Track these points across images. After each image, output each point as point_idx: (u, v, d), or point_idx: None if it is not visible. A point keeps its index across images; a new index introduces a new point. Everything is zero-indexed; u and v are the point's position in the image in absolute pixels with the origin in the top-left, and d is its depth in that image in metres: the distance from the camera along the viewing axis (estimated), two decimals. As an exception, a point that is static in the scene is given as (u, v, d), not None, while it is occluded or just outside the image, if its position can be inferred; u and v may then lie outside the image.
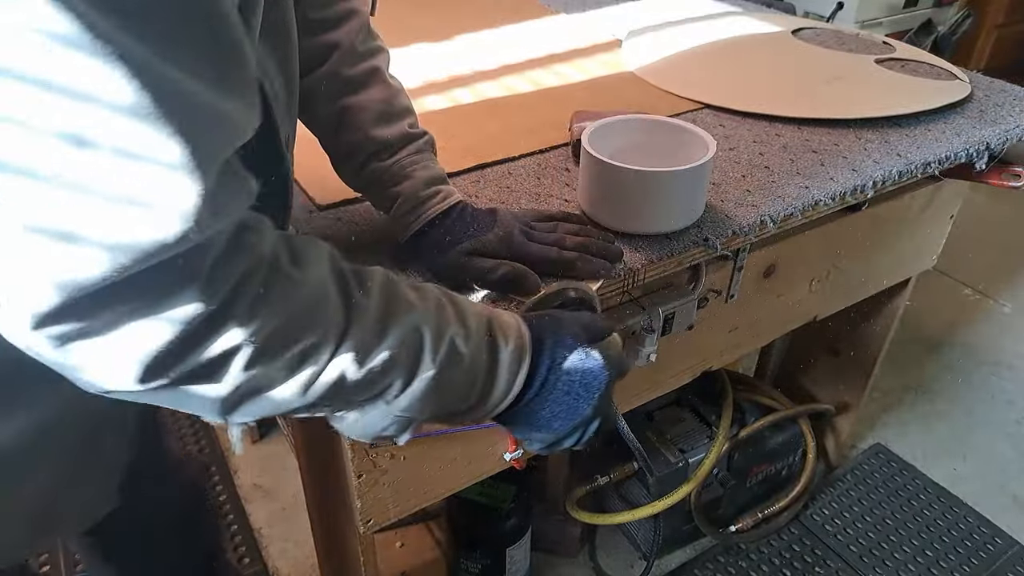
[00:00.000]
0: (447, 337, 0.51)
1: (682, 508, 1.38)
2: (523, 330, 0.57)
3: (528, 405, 0.57)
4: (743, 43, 1.31)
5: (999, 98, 1.13)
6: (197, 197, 0.35)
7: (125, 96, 0.33)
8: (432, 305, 0.52)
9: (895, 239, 1.17)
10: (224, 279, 0.40)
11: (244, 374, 0.42)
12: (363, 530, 0.85)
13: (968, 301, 2.25)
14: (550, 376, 0.56)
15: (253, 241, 0.42)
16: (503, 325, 0.56)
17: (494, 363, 0.54)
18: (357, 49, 0.70)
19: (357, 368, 0.46)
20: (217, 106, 0.37)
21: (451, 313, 0.53)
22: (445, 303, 0.53)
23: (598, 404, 0.57)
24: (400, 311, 0.49)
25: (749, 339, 1.08)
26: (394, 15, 1.41)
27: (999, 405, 1.89)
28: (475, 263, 0.69)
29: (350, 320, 0.46)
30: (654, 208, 0.77)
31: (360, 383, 0.47)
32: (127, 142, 0.34)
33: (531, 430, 0.58)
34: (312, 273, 0.45)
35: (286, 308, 0.43)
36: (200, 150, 0.35)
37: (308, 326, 0.44)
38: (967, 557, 1.51)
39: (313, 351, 0.45)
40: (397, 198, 0.70)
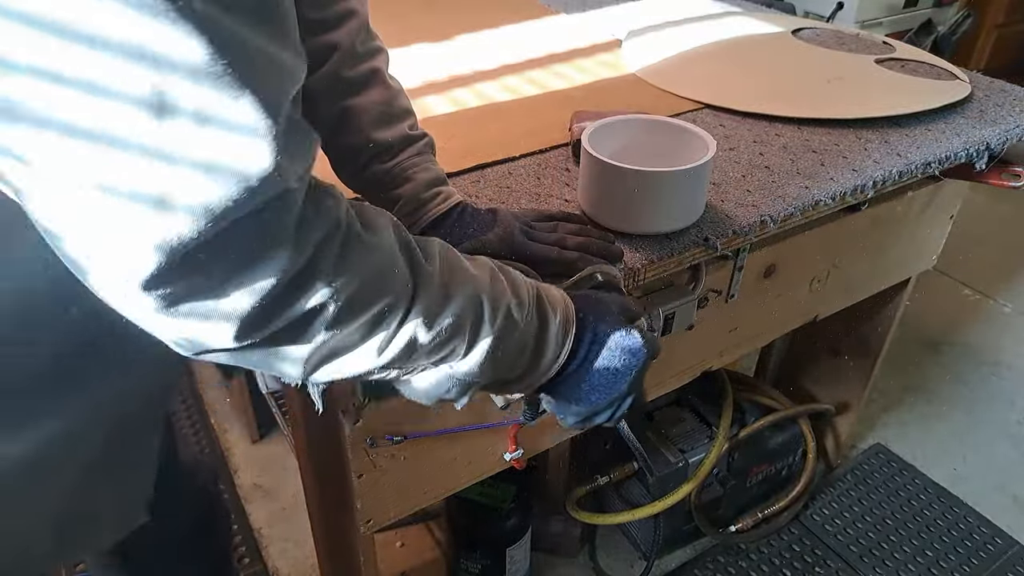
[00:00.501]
0: (504, 305, 0.53)
1: (682, 508, 1.38)
2: (568, 304, 0.59)
3: (571, 377, 0.59)
4: (743, 43, 1.31)
5: (999, 98, 1.13)
6: (272, 140, 0.37)
7: (197, 57, 0.34)
8: (488, 275, 0.54)
9: (895, 239, 1.17)
10: (309, 238, 0.41)
11: (326, 334, 0.44)
12: (363, 530, 0.85)
13: (968, 301, 2.25)
14: (592, 349, 0.58)
15: (330, 204, 0.43)
16: (551, 298, 0.58)
17: (543, 332, 0.56)
18: (357, 50, 0.70)
19: (426, 331, 0.48)
20: (275, 55, 0.38)
21: (505, 283, 0.54)
22: (499, 274, 0.55)
23: (634, 381, 0.59)
24: (461, 279, 0.51)
25: (749, 339, 1.08)
26: (394, 15, 1.41)
27: (999, 405, 1.89)
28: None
29: (418, 285, 0.48)
30: (654, 208, 0.77)
31: (428, 346, 0.49)
32: (204, 102, 0.35)
33: (569, 402, 0.60)
34: (383, 238, 0.47)
35: (363, 270, 0.45)
36: (269, 98, 0.37)
37: (382, 289, 0.46)
38: (967, 557, 1.51)
39: (387, 314, 0.46)
40: (398, 201, 0.71)
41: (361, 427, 0.75)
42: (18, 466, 0.55)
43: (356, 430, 0.75)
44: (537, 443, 0.93)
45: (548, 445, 0.96)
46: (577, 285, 0.68)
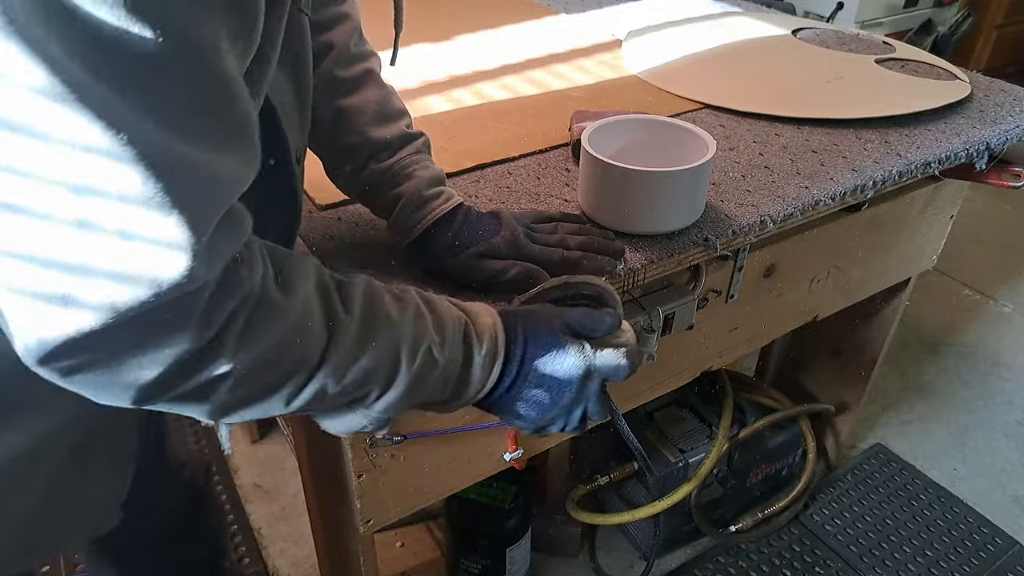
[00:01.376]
0: (424, 346, 0.53)
1: (682, 508, 1.38)
2: (498, 330, 0.58)
3: (503, 398, 0.59)
4: (743, 43, 1.31)
5: (999, 98, 1.13)
6: (193, 260, 0.38)
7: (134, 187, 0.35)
8: (411, 315, 0.54)
9: (895, 239, 1.17)
10: (217, 318, 0.42)
11: (230, 394, 0.45)
12: (363, 530, 0.85)
13: (968, 301, 2.25)
14: (521, 371, 0.58)
15: (244, 275, 0.43)
16: (479, 328, 0.57)
17: (468, 365, 0.56)
18: (351, 51, 0.70)
19: (336, 382, 0.49)
20: (218, 169, 0.39)
21: (429, 322, 0.54)
22: (424, 312, 0.55)
23: (576, 396, 0.59)
24: (379, 326, 0.51)
25: (749, 339, 1.08)
26: (390, 15, 1.40)
27: (999, 405, 1.89)
28: (485, 265, 0.69)
29: (331, 338, 0.48)
30: (654, 208, 0.77)
31: (340, 393, 0.50)
32: (130, 223, 0.36)
33: (511, 417, 0.61)
34: (299, 297, 0.47)
35: (272, 336, 0.45)
36: (199, 215, 0.38)
37: (289, 353, 0.46)
38: (967, 557, 1.51)
39: (296, 370, 0.47)
40: (399, 199, 0.70)
41: (361, 427, 0.75)
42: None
43: (356, 430, 0.75)
44: (537, 443, 0.93)
45: (548, 445, 0.96)
46: (537, 296, 0.67)
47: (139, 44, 0.33)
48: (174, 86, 0.35)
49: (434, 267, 0.72)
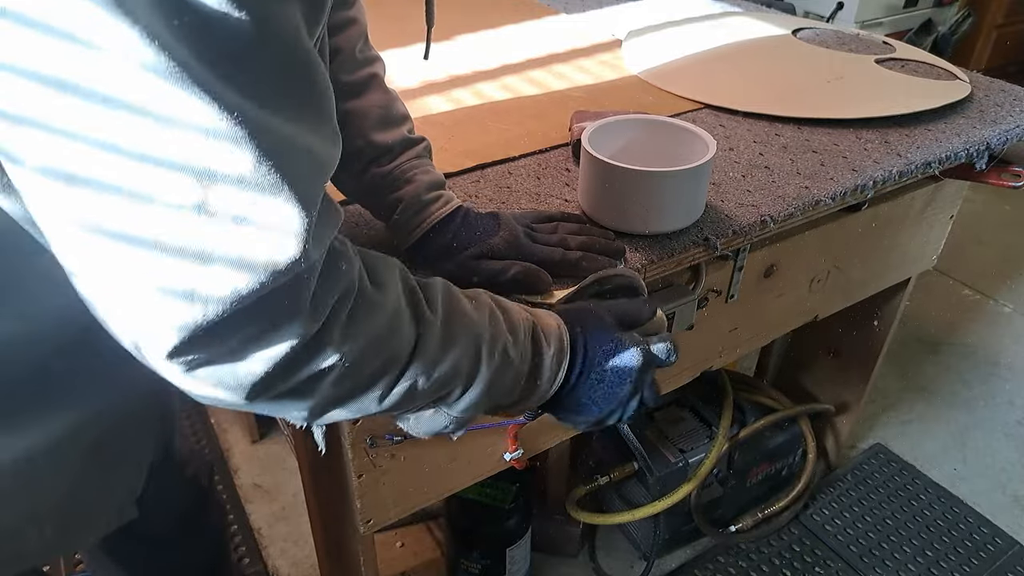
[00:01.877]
0: (500, 345, 0.55)
1: (682, 508, 1.38)
2: (563, 331, 0.60)
3: (568, 396, 0.61)
4: (743, 43, 1.31)
5: (999, 98, 1.13)
6: (304, 241, 0.39)
7: (245, 167, 0.36)
8: (487, 315, 0.55)
9: (895, 239, 1.17)
10: (323, 307, 0.43)
11: (332, 389, 0.46)
12: (363, 530, 0.85)
13: (968, 301, 2.25)
14: (585, 368, 0.60)
15: (344, 268, 0.45)
16: (545, 328, 0.59)
17: (538, 365, 0.58)
18: (356, 56, 0.71)
19: (426, 379, 0.51)
20: (315, 149, 0.40)
21: (502, 321, 0.56)
22: (497, 312, 0.57)
23: (633, 386, 0.61)
24: (461, 323, 0.53)
25: (749, 339, 1.08)
26: (394, 15, 1.41)
27: (999, 405, 1.89)
28: (485, 266, 0.69)
29: (420, 337, 0.50)
30: (654, 208, 0.77)
31: (428, 390, 0.51)
32: (245, 206, 0.37)
33: (572, 415, 0.63)
34: (390, 294, 0.49)
35: (370, 331, 0.46)
36: (306, 194, 0.38)
37: (387, 347, 0.48)
38: (967, 557, 1.51)
39: (391, 365, 0.48)
40: (398, 203, 0.70)
41: (361, 427, 0.75)
42: (11, 470, 0.55)
43: (356, 430, 0.75)
44: (537, 443, 0.93)
45: (548, 445, 0.95)
46: (577, 294, 0.68)
47: (236, 26, 0.34)
48: (269, 68, 0.36)
49: (433, 269, 0.72)
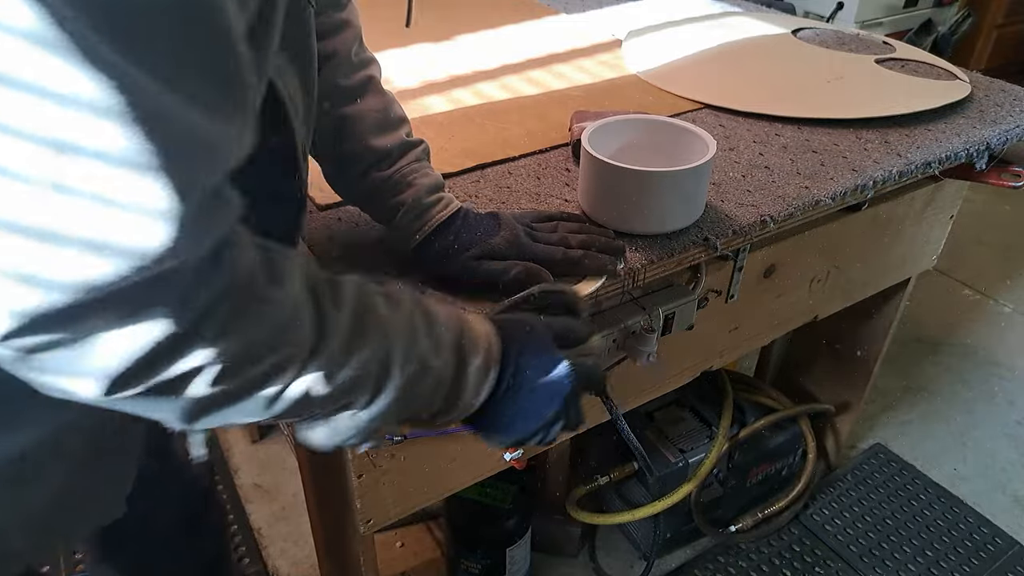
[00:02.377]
0: (417, 352, 0.51)
1: (682, 508, 1.38)
2: (493, 340, 0.57)
3: (493, 410, 0.58)
4: (743, 43, 1.31)
5: (999, 98, 1.13)
6: (178, 231, 0.35)
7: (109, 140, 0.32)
8: (405, 318, 0.52)
9: (895, 239, 1.17)
10: (196, 301, 0.39)
11: (208, 390, 0.42)
12: (363, 530, 0.85)
13: (968, 301, 2.25)
14: (514, 382, 0.57)
15: (232, 257, 0.41)
16: (474, 337, 0.56)
17: (461, 375, 0.55)
18: (352, 59, 0.71)
19: (324, 384, 0.47)
20: (212, 137, 0.36)
21: (422, 327, 0.53)
22: (418, 316, 0.53)
23: (560, 409, 0.59)
24: (372, 325, 0.49)
25: (749, 339, 1.08)
26: (394, 15, 1.40)
27: (999, 405, 1.89)
28: (486, 266, 0.69)
29: (320, 337, 0.46)
30: (654, 208, 0.77)
31: (326, 398, 0.48)
32: (109, 185, 0.33)
33: (496, 432, 0.60)
34: (287, 292, 0.44)
35: (257, 329, 0.43)
36: (185, 183, 0.34)
37: (277, 346, 0.44)
38: (967, 557, 1.51)
39: (280, 369, 0.44)
40: (399, 207, 0.70)
41: (361, 427, 0.75)
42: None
43: (356, 430, 0.75)
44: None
45: (548, 445, 0.95)
46: (515, 305, 0.67)
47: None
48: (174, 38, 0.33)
49: (435, 271, 0.72)
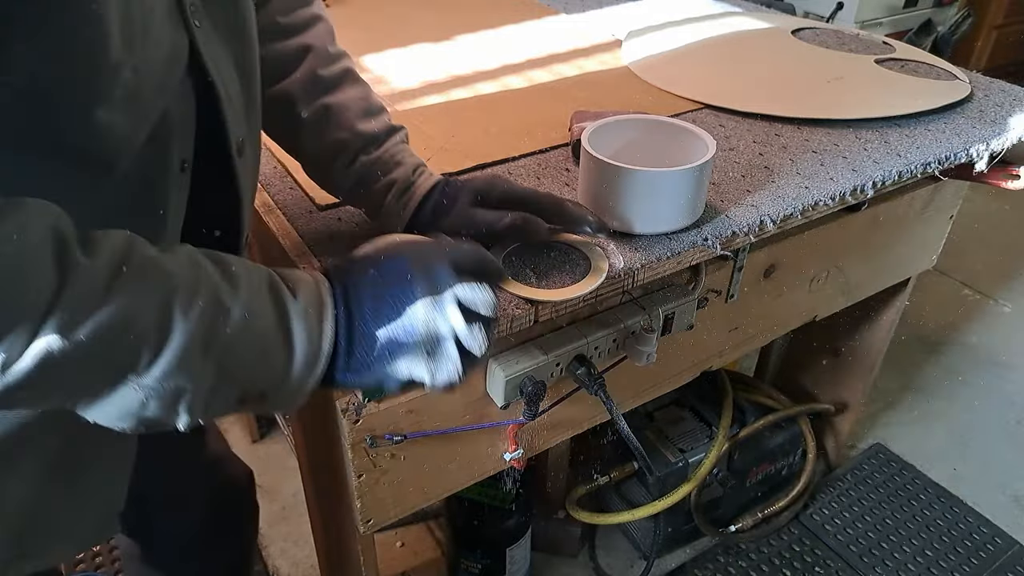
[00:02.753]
0: (206, 295, 0.44)
1: (682, 508, 1.39)
2: (318, 279, 0.51)
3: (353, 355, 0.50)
4: (743, 43, 1.31)
5: (999, 98, 1.13)
6: None
7: None
8: (184, 261, 0.45)
9: (895, 239, 1.17)
10: None
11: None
12: (363, 530, 0.85)
13: (968, 301, 2.26)
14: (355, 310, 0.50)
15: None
16: (289, 279, 0.50)
17: (284, 320, 0.48)
18: (329, 51, 0.72)
19: (67, 341, 0.39)
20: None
21: (209, 268, 0.46)
22: (201, 260, 0.46)
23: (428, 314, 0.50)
24: (136, 270, 0.42)
25: (749, 339, 1.08)
26: (394, 15, 1.41)
27: (999, 405, 1.89)
28: (480, 214, 0.69)
29: (64, 281, 0.39)
30: (654, 208, 0.77)
31: (85, 352, 0.40)
32: None
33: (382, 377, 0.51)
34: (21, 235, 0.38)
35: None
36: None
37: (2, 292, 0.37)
38: (967, 557, 1.51)
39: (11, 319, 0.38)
40: (391, 186, 0.72)
41: (361, 427, 0.75)
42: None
43: (356, 430, 0.75)
44: (537, 443, 0.93)
45: (548, 445, 0.96)
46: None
47: None
48: None
49: (431, 229, 0.72)
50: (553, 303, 0.71)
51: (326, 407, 0.81)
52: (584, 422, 0.96)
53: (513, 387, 0.78)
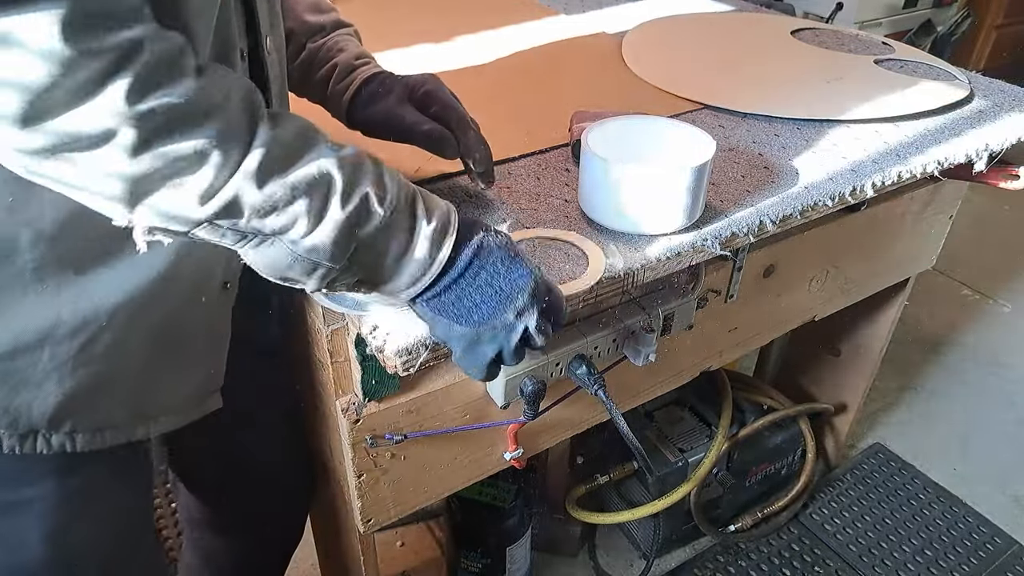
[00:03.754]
0: (361, 190, 0.51)
1: (682, 507, 1.39)
2: (451, 211, 0.57)
3: (450, 290, 0.57)
4: (743, 43, 1.31)
5: (999, 98, 1.13)
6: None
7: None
8: (350, 155, 0.52)
9: (895, 239, 1.17)
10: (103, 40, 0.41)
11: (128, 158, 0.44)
12: (363, 529, 0.85)
13: (968, 301, 2.26)
14: (475, 262, 0.56)
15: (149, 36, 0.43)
16: (429, 203, 0.56)
17: (412, 233, 0.54)
18: None
19: (257, 190, 0.47)
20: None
21: (370, 170, 0.53)
22: (366, 159, 0.53)
23: (521, 310, 0.57)
24: (311, 148, 0.50)
25: (749, 339, 1.08)
26: (394, 16, 1.41)
27: (999, 405, 1.89)
28: (408, 113, 0.75)
29: (253, 142, 0.47)
30: (654, 208, 0.77)
31: (259, 209, 0.48)
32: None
33: (452, 322, 0.57)
34: (216, 83, 0.46)
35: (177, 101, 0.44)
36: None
37: (202, 125, 0.45)
38: (966, 556, 1.51)
39: (203, 157, 0.46)
40: (333, 71, 0.77)
41: (361, 426, 0.76)
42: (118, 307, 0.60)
43: (356, 429, 0.76)
44: (537, 442, 0.93)
45: (548, 445, 0.96)
46: None
47: None
48: None
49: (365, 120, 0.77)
50: None
51: (327, 407, 0.82)
52: (584, 422, 0.96)
53: (513, 387, 0.78)
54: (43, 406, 0.60)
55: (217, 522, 1.02)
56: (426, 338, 0.64)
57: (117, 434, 0.66)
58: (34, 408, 0.60)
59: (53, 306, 0.58)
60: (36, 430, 0.61)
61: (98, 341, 0.60)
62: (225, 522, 1.02)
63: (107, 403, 0.64)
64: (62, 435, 0.62)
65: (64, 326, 0.58)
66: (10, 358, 0.58)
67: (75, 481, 0.67)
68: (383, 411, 0.76)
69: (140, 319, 0.62)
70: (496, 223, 0.79)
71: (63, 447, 0.62)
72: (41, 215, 0.54)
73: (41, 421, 0.61)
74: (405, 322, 0.65)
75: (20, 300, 0.57)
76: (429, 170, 0.87)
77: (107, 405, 0.64)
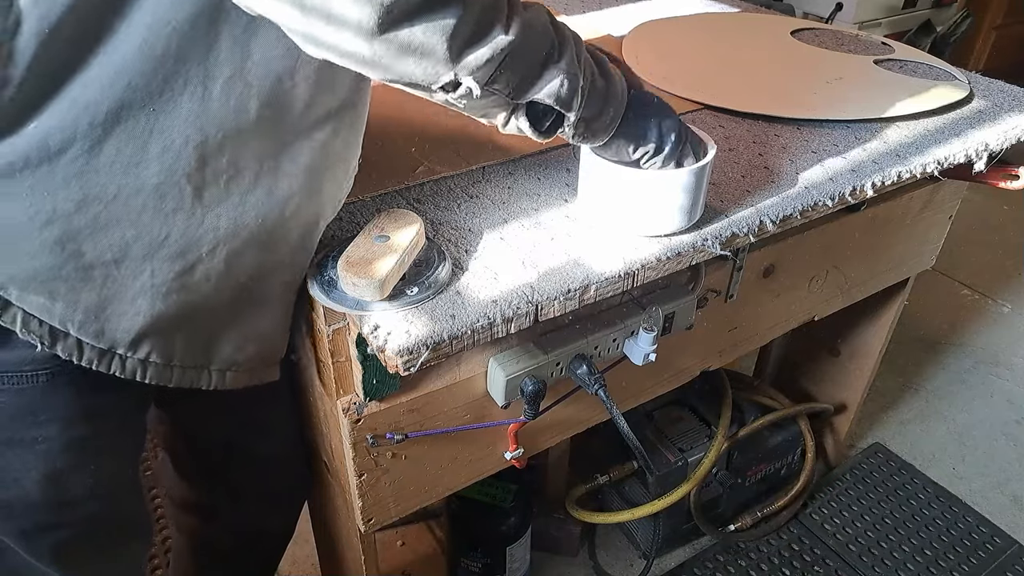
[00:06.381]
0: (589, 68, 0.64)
1: (682, 507, 1.39)
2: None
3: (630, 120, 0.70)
4: (743, 43, 1.31)
5: (998, 98, 1.13)
6: None
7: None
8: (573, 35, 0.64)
9: (894, 239, 1.17)
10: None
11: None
12: (364, 529, 0.85)
13: (968, 301, 2.26)
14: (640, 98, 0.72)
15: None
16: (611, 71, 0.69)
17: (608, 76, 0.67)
18: None
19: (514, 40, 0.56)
20: None
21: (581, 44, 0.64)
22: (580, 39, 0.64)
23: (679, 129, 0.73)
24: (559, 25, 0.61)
25: (749, 339, 1.08)
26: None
27: (999, 405, 1.90)
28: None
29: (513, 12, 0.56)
30: (654, 208, 0.77)
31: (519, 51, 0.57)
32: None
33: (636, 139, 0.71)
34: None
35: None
36: None
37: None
38: (966, 556, 1.51)
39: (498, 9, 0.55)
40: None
41: (362, 426, 0.76)
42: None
43: (357, 429, 0.76)
44: (537, 442, 0.93)
45: (548, 444, 0.96)
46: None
47: None
48: None
49: None
50: None
51: (328, 407, 0.82)
52: (584, 422, 0.96)
53: (513, 386, 0.78)
54: (131, 323, 0.61)
55: (206, 507, 1.02)
56: (427, 337, 0.64)
57: (183, 376, 0.67)
58: (122, 323, 0.61)
59: (167, 223, 0.58)
60: (115, 348, 0.62)
61: (195, 270, 0.62)
62: (214, 508, 1.02)
63: (185, 338, 0.65)
64: (136, 360, 0.63)
65: (171, 246, 0.59)
66: (115, 265, 0.58)
67: (84, 430, 0.68)
68: (384, 411, 0.76)
69: (236, 261, 0.64)
70: (498, 223, 0.79)
71: (134, 374, 0.64)
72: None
73: (124, 338, 0.61)
74: (405, 322, 0.65)
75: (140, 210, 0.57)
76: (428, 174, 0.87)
77: (184, 340, 0.65)
